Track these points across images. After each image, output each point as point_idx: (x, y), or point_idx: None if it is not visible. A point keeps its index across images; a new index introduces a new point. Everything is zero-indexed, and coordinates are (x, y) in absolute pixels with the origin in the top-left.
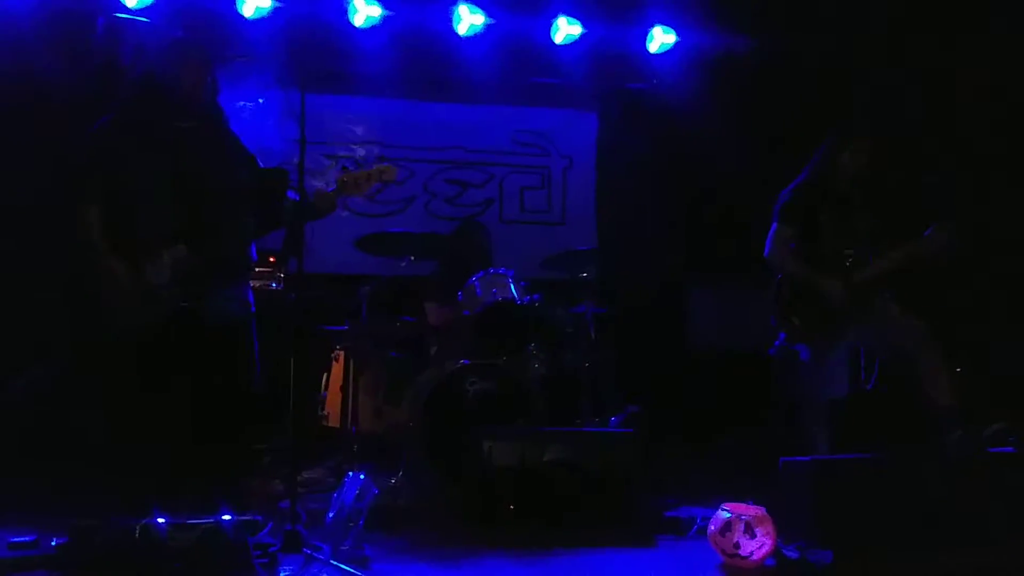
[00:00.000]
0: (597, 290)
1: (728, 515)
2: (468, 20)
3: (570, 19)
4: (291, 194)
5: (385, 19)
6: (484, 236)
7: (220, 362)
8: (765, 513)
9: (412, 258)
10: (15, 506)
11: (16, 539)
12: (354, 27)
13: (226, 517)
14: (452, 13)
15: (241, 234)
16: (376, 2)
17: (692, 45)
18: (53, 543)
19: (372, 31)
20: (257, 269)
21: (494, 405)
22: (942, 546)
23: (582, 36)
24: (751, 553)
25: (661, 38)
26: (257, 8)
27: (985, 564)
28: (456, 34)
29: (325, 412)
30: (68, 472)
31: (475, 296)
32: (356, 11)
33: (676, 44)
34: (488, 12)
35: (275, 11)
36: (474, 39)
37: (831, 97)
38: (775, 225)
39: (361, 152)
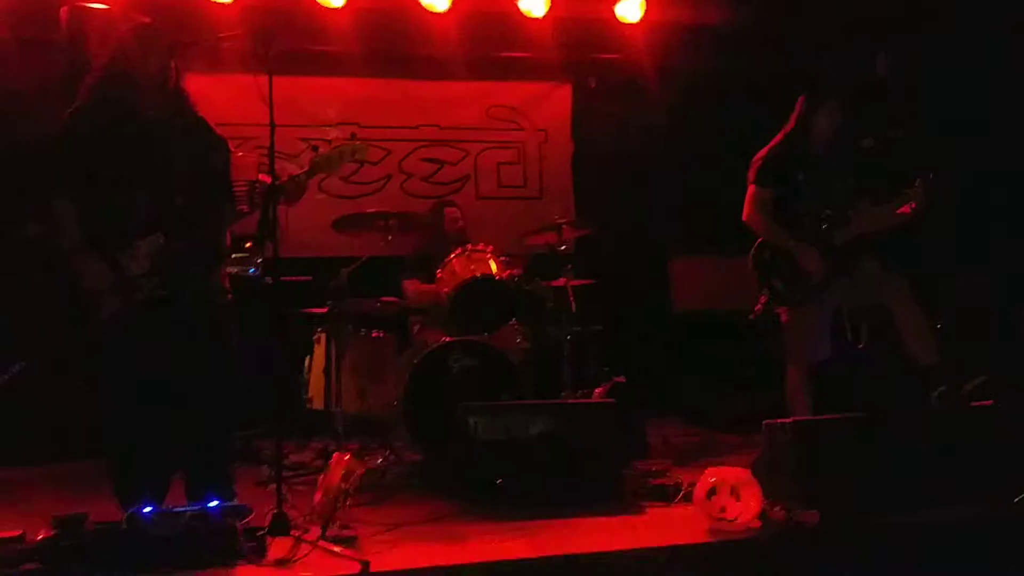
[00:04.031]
0: (577, 263)
1: (713, 479)
2: None
3: None
4: (263, 177)
5: None
6: (456, 214)
7: (200, 350)
8: (750, 476)
9: (390, 238)
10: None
11: (2, 534)
12: (322, 7)
13: (213, 503)
14: None
15: (216, 220)
16: None
17: (664, 14)
18: (40, 537)
19: (341, 10)
20: (234, 255)
21: (478, 381)
22: (927, 501)
23: (552, 8)
24: (737, 516)
25: (633, 8)
26: None
27: (970, 517)
28: (425, 10)
29: (309, 395)
30: (52, 463)
31: (455, 273)
32: None
33: (647, 13)
34: None
35: None
36: (444, 14)
37: (806, 60)
38: (752, 188)
39: (334, 133)
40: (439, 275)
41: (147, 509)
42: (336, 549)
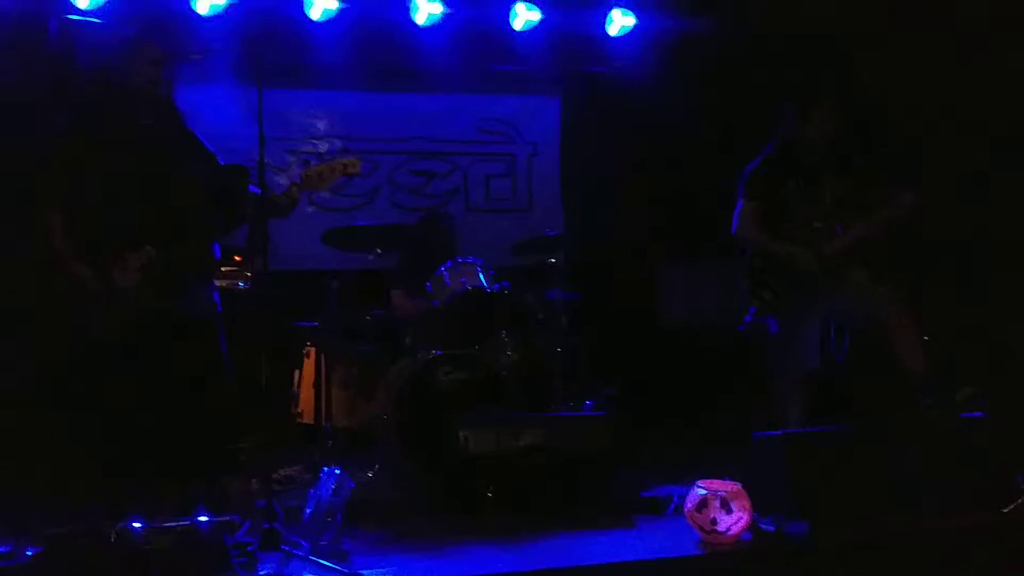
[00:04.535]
0: (566, 275)
1: (704, 492)
2: (426, 9)
3: (528, 4)
4: (252, 189)
5: (342, 11)
6: (446, 226)
7: (190, 363)
8: (740, 488)
9: (379, 251)
10: None
11: None
12: (312, 20)
13: (203, 518)
14: (409, 2)
15: (205, 233)
16: None
17: (652, 27)
18: (29, 553)
19: (330, 23)
20: (223, 268)
21: (468, 394)
22: (917, 513)
23: (541, 21)
24: (728, 528)
25: (620, 21)
26: (212, 5)
27: (959, 528)
28: (415, 23)
29: (299, 409)
30: (41, 479)
31: (444, 286)
32: (313, 3)
33: (636, 26)
34: (445, 1)
35: (231, 6)
36: (433, 28)
37: (792, 72)
38: (741, 201)
39: (324, 146)
40: (429, 288)
41: (136, 523)
42: (328, 564)
